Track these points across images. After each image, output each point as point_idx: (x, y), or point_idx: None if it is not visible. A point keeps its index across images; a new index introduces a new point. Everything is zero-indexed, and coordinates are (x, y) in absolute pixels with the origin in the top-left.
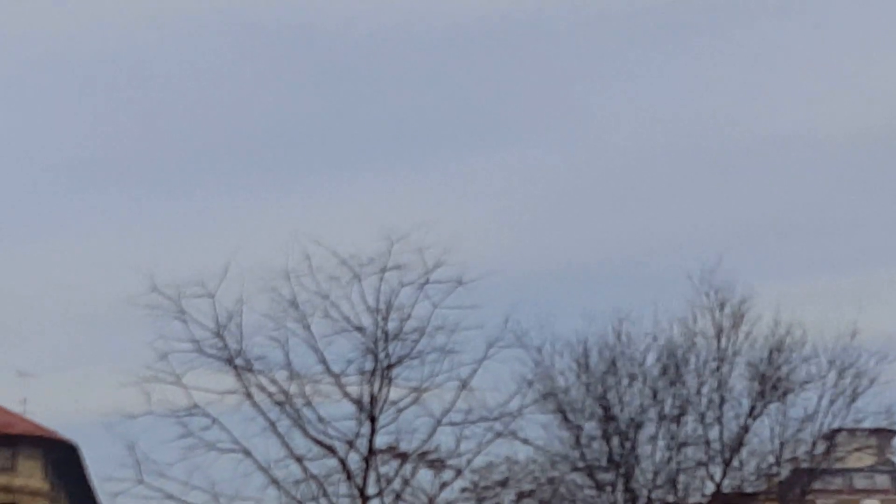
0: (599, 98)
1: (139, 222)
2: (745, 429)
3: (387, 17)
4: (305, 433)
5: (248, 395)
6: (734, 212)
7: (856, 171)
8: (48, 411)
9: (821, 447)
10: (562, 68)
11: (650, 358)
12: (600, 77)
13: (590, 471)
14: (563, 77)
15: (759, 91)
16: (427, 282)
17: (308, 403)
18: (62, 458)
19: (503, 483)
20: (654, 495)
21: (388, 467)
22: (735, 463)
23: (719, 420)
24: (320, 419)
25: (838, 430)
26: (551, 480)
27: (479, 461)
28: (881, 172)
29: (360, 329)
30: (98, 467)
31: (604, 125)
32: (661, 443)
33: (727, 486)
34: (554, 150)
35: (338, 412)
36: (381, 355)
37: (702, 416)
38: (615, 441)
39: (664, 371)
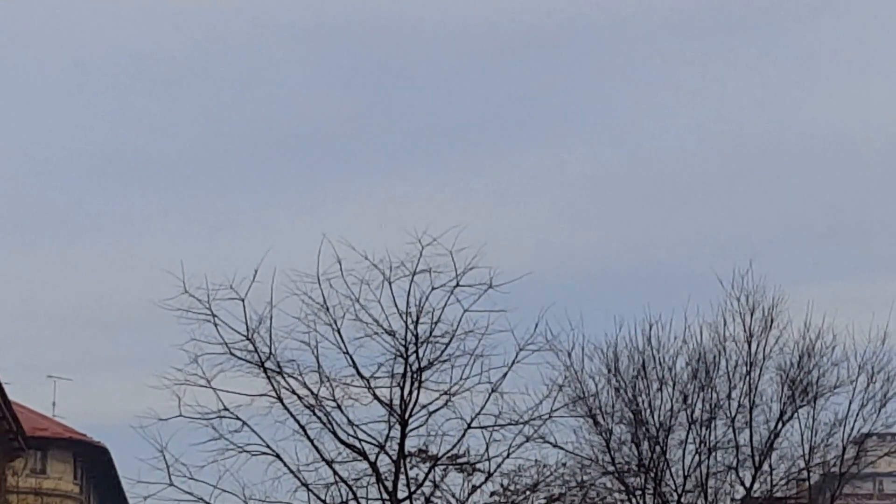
0: (631, 101)
1: (170, 224)
2: (776, 433)
3: (418, 18)
4: (336, 436)
5: (279, 399)
6: (766, 216)
7: (889, 175)
8: (79, 414)
9: (851, 452)
10: (595, 71)
11: (680, 362)
12: (633, 80)
13: (619, 475)
14: (596, 80)
15: (794, 93)
16: (458, 285)
17: (338, 407)
18: (92, 461)
19: (533, 487)
20: (684, 500)
21: (417, 470)
22: (765, 467)
23: (749, 424)
24: (350, 422)
25: (868, 435)
26: (581, 484)
27: (508, 465)
28: None
29: (390, 332)
30: (128, 470)
31: (636, 128)
32: (690, 447)
33: (757, 490)
34: (585, 154)
35: (368, 415)
36: (412, 359)
37: (732, 421)
38: (645, 445)
39: (694, 375)
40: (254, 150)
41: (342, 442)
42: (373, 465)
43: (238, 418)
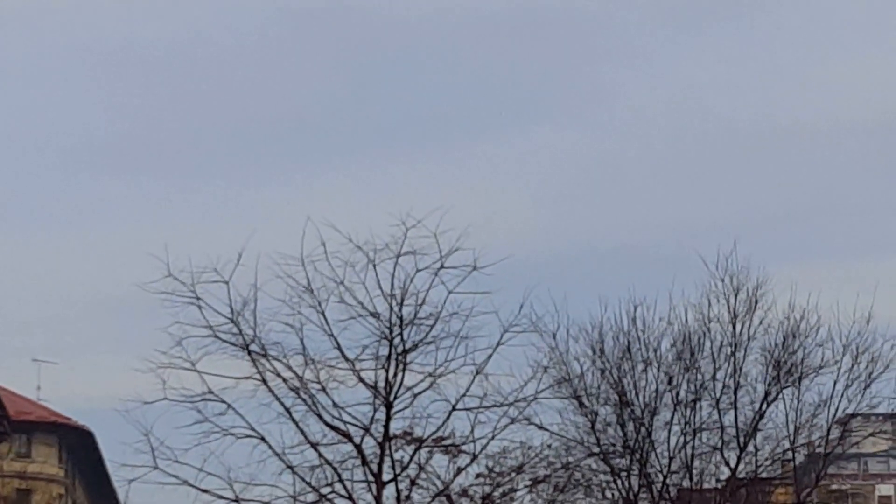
0: (617, 83)
1: (154, 208)
2: (760, 414)
3: (401, 2)
4: (320, 419)
5: (264, 381)
6: (750, 197)
7: (871, 157)
8: (63, 397)
9: (836, 432)
10: (581, 53)
11: (665, 343)
12: (619, 62)
13: (605, 456)
14: (582, 62)
15: (777, 75)
16: (442, 267)
17: (323, 389)
18: (77, 445)
19: (518, 469)
20: (669, 481)
21: (402, 453)
22: (750, 448)
23: (734, 405)
24: (335, 405)
25: (853, 415)
26: (566, 466)
27: (493, 447)
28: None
29: (375, 314)
30: (113, 453)
31: (621, 110)
32: (676, 428)
33: (742, 471)
34: (571, 135)
35: (353, 398)
36: (396, 341)
37: (717, 402)
38: (630, 427)
39: (679, 356)
40: (238, 135)
41: (327, 424)
42: (358, 447)
43: (223, 401)
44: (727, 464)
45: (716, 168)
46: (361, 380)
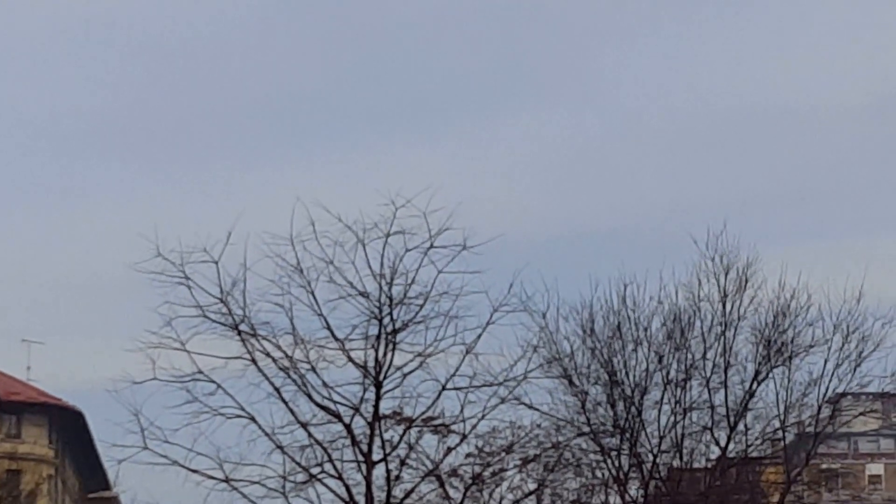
0: (608, 64)
1: (143, 188)
2: (751, 393)
3: None
4: (310, 399)
5: (253, 361)
6: (740, 177)
7: (862, 138)
8: (53, 378)
9: (826, 411)
10: (572, 34)
11: (655, 323)
12: (610, 43)
13: (595, 436)
14: (573, 42)
15: (770, 59)
16: (432, 246)
17: (313, 369)
18: (67, 425)
19: (508, 448)
20: (659, 460)
21: (392, 432)
22: (740, 427)
23: (724, 385)
24: (325, 384)
25: (843, 395)
26: (556, 445)
27: (483, 426)
28: (886, 138)
29: (364, 294)
30: (103, 433)
31: (612, 91)
32: (666, 408)
33: (732, 450)
34: (561, 115)
35: (342, 377)
36: (386, 320)
37: (707, 381)
38: (620, 406)
39: (669, 336)
40: (227, 115)
41: (317, 404)
42: (348, 427)
43: (212, 381)
44: (717, 443)
45: (706, 148)
46: (351, 359)
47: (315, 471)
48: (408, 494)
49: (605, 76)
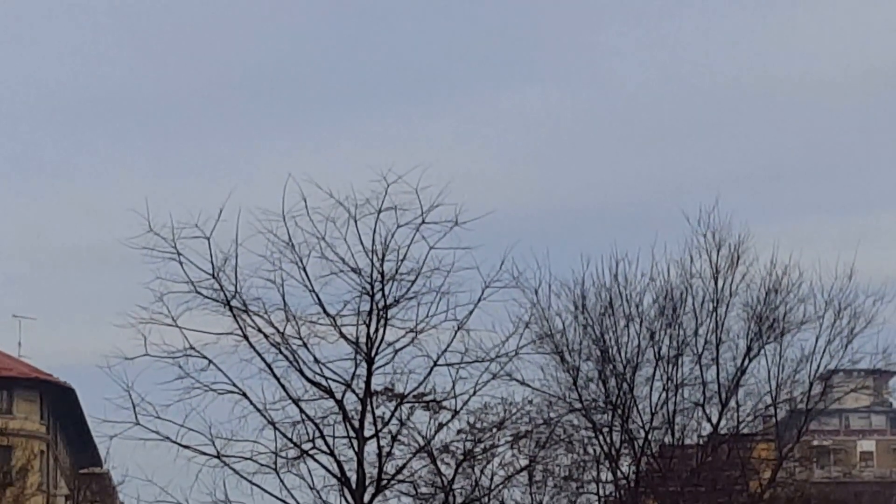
0: (601, 40)
1: (135, 163)
2: (742, 370)
3: None
4: (302, 375)
5: (245, 337)
6: (732, 153)
7: (855, 115)
8: (44, 353)
9: (817, 388)
10: (564, 9)
11: (647, 299)
12: (602, 19)
13: (587, 412)
14: (566, 18)
15: (760, 34)
16: (423, 222)
17: (304, 345)
18: (58, 401)
19: (499, 424)
20: (651, 436)
21: (384, 409)
22: (732, 404)
23: (716, 361)
24: (317, 360)
25: (835, 371)
26: (548, 422)
27: (475, 402)
28: (880, 115)
29: (356, 270)
30: (94, 409)
31: (605, 67)
32: (658, 384)
33: (724, 426)
34: (553, 92)
35: (334, 353)
36: (378, 296)
37: (699, 358)
38: (612, 382)
39: (661, 312)
40: (219, 91)
41: (308, 380)
42: (339, 403)
43: (204, 357)
44: (709, 419)
45: (698, 125)
46: (343, 335)
47: (307, 447)
48: (399, 470)
49: (599, 52)
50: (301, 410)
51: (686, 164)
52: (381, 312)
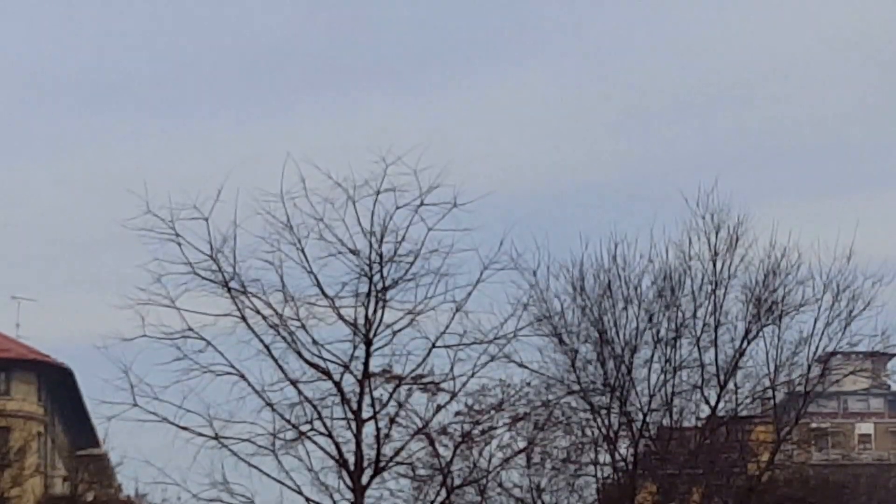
0: (599, 19)
1: (133, 143)
2: (741, 352)
3: None
4: (300, 356)
5: (243, 318)
6: (731, 134)
7: (853, 96)
8: (42, 335)
9: (816, 370)
10: None
11: (646, 281)
12: None
13: (585, 394)
14: None
15: (760, 14)
16: (422, 204)
17: (303, 326)
18: (56, 382)
19: (497, 406)
20: (649, 418)
21: (382, 390)
22: (730, 386)
23: (714, 343)
24: (315, 342)
25: (833, 354)
26: (546, 404)
27: (473, 384)
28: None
29: (354, 252)
30: (92, 390)
31: (603, 47)
32: (656, 366)
33: (722, 409)
34: (552, 72)
35: (332, 335)
36: (376, 278)
37: (697, 340)
38: (610, 364)
39: (660, 294)
40: (217, 69)
41: (307, 362)
42: (337, 384)
43: (202, 338)
44: (707, 402)
45: (697, 106)
46: (341, 317)
47: (305, 428)
48: (397, 452)
49: (598, 30)
50: (299, 392)
51: (686, 145)
52: (379, 294)
